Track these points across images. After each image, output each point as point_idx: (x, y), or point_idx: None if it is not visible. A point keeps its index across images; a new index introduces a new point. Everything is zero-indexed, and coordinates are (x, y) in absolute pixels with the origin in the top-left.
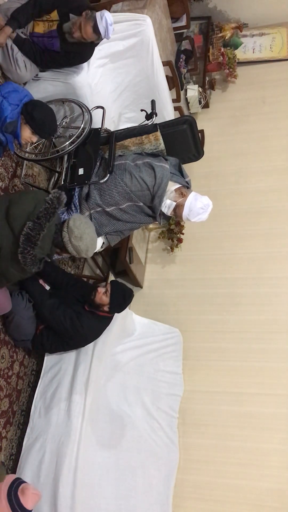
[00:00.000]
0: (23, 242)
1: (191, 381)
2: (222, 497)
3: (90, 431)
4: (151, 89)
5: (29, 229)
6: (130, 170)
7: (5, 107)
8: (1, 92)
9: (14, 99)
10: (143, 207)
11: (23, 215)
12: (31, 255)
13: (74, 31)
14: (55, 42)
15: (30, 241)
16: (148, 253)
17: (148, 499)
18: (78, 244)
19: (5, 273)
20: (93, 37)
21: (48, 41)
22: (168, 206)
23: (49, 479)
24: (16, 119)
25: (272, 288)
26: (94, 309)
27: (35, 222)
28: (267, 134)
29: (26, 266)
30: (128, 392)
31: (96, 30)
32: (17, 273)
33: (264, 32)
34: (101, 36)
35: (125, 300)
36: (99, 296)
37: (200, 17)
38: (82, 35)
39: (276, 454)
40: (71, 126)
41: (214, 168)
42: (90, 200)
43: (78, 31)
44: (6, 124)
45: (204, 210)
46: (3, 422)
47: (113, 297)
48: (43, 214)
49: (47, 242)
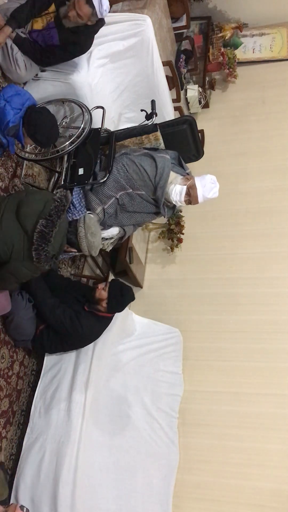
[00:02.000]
0: (37, 239)
1: (191, 381)
2: (222, 497)
3: (90, 431)
4: (151, 89)
5: (42, 226)
6: (129, 156)
7: (7, 111)
8: (4, 96)
9: (17, 103)
10: (146, 197)
11: (34, 214)
12: (45, 251)
13: (69, 11)
14: (54, 34)
15: (45, 238)
16: (148, 253)
17: (148, 499)
18: (93, 240)
19: (17, 272)
20: (88, 12)
21: (47, 34)
22: (179, 192)
23: (49, 479)
24: (18, 123)
25: (272, 288)
26: (94, 308)
27: (48, 220)
28: (267, 134)
29: (39, 263)
30: (128, 392)
31: (89, 2)
32: (28, 272)
33: (264, 32)
34: (95, 10)
35: (123, 296)
36: (99, 291)
37: (200, 17)
38: (77, 11)
39: (276, 454)
40: (71, 126)
41: (214, 168)
42: (99, 194)
43: (72, 9)
44: (9, 128)
45: (215, 185)
46: (3, 422)
47: (112, 291)
48: (55, 212)
49: (57, 240)
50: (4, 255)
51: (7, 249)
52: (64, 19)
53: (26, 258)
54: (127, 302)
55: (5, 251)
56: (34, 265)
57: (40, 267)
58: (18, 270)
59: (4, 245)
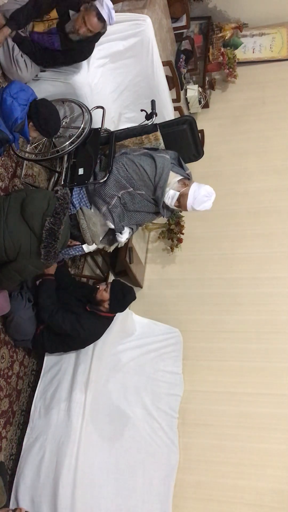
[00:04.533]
0: (46, 237)
1: (191, 381)
2: (222, 497)
3: (90, 431)
4: (151, 89)
5: (51, 224)
6: (129, 156)
7: (15, 108)
8: (11, 93)
9: (22, 99)
10: (147, 197)
11: (39, 213)
12: (54, 249)
13: (79, 27)
14: (55, 40)
15: (54, 235)
16: (148, 253)
17: (148, 499)
18: (95, 229)
19: (23, 270)
20: (99, 27)
21: (48, 39)
22: (171, 196)
23: (49, 479)
24: (24, 119)
25: (272, 288)
26: (95, 308)
27: (55, 217)
28: (267, 134)
29: (47, 261)
30: (128, 392)
31: (100, 18)
32: (34, 269)
33: (264, 32)
34: (106, 24)
35: (125, 296)
36: (100, 292)
37: (200, 17)
38: (88, 28)
39: (276, 454)
40: (71, 126)
41: (214, 168)
42: (102, 194)
43: (83, 25)
44: (17, 125)
45: (208, 198)
46: (3, 422)
47: (113, 292)
48: (60, 210)
49: (63, 236)
50: (11, 254)
51: (14, 248)
52: (72, 34)
53: (33, 256)
54: (128, 302)
55: (12, 250)
56: (41, 262)
57: (47, 264)
58: (25, 268)
59: (12, 244)
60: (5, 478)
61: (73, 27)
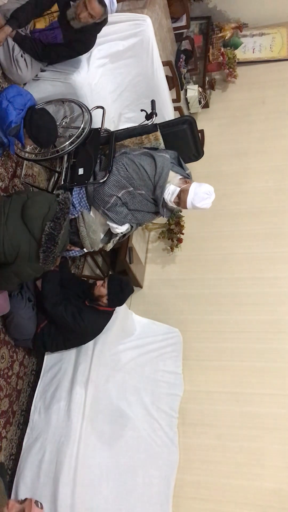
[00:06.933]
0: (46, 241)
1: (191, 381)
2: (222, 497)
3: (90, 431)
4: (151, 89)
5: (51, 228)
6: (129, 156)
7: (10, 112)
8: (7, 96)
9: (19, 104)
10: (147, 196)
11: (39, 217)
12: (53, 253)
13: (79, 12)
14: (58, 34)
15: (53, 240)
16: (148, 253)
17: (148, 499)
18: (95, 237)
19: (21, 272)
20: (100, 11)
21: (50, 34)
22: (172, 191)
23: (49, 479)
24: (20, 123)
25: (273, 288)
26: (94, 303)
27: (55, 222)
28: (267, 134)
29: (46, 265)
30: (128, 392)
31: (101, 2)
32: (32, 272)
33: (264, 32)
34: (107, 9)
35: (123, 289)
36: (98, 288)
37: (200, 17)
38: (89, 12)
39: (276, 454)
40: (71, 126)
41: (214, 168)
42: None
43: (84, 9)
44: (11, 129)
45: (208, 196)
46: (3, 422)
47: (111, 286)
48: (61, 214)
49: (62, 241)
50: (10, 257)
51: (13, 251)
52: (73, 20)
53: (32, 259)
54: (127, 295)
55: (11, 253)
56: (39, 266)
57: (45, 268)
58: (23, 271)
59: (11, 247)
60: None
61: (74, 13)
